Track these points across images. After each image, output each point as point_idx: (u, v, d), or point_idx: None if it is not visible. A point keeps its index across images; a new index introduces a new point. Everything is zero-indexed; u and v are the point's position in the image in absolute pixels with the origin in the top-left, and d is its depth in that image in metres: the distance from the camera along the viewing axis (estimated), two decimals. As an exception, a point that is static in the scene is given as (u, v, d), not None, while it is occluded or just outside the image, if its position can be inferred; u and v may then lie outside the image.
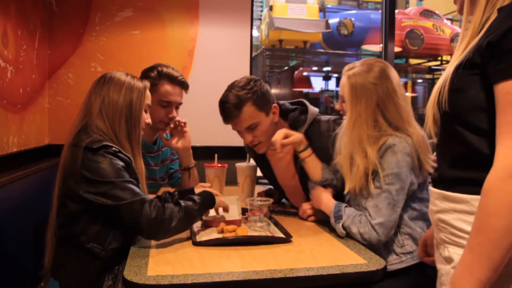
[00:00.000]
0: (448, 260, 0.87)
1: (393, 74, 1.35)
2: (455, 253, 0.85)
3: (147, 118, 1.42)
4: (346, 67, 1.38)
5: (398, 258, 1.30)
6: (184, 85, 1.77)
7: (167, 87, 1.72)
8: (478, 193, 0.77)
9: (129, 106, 1.34)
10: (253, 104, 1.50)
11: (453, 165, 0.87)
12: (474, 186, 0.80)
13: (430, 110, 0.90)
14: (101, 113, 1.31)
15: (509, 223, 0.70)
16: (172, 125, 1.76)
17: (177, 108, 1.78)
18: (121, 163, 1.25)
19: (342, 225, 1.32)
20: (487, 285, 0.73)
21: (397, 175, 1.27)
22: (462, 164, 0.85)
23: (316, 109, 1.63)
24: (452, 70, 0.84)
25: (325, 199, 1.44)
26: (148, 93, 1.41)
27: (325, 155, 1.49)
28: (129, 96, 1.34)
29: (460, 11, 0.92)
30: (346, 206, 1.38)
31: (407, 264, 1.30)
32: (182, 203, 1.26)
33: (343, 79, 1.36)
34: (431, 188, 0.95)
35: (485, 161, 0.77)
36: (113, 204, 1.19)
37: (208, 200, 1.35)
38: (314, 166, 1.51)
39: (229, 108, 1.51)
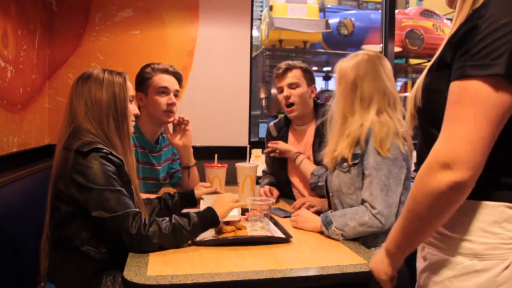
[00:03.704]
0: (424, 258, 0.89)
1: (364, 69, 1.39)
2: (429, 252, 0.86)
3: (133, 109, 1.42)
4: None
5: (370, 251, 1.28)
6: (176, 75, 1.83)
7: (161, 75, 1.78)
8: None
9: (113, 100, 1.32)
10: (301, 72, 1.88)
11: None
12: None
13: (409, 105, 0.91)
14: (87, 116, 1.30)
15: (420, 209, 0.79)
16: (176, 121, 1.80)
17: (176, 96, 1.81)
18: (112, 168, 1.23)
19: (335, 227, 1.31)
20: (390, 253, 0.89)
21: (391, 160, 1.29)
22: None
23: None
24: (426, 70, 0.86)
25: (312, 217, 1.46)
26: (129, 84, 1.40)
27: None
28: (111, 90, 1.33)
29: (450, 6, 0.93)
30: (331, 211, 1.38)
31: None
32: (174, 220, 1.22)
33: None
34: None
35: None
36: (97, 215, 1.18)
37: (209, 221, 1.29)
38: (305, 171, 1.81)
39: (283, 68, 1.89)
